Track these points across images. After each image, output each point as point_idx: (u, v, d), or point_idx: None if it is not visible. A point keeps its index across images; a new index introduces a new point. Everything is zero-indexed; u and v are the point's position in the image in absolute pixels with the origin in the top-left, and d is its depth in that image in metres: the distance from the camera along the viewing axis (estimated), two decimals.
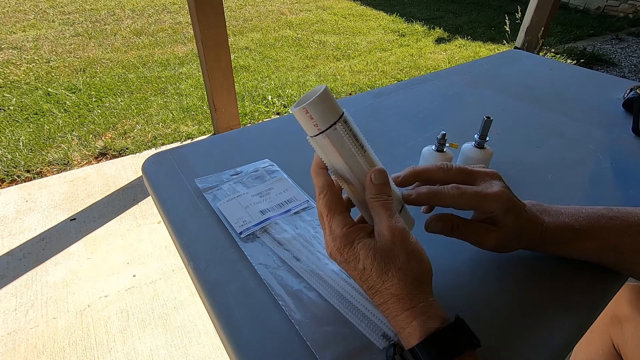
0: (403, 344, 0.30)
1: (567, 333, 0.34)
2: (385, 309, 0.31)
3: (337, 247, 0.32)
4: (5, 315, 1.17)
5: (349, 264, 0.32)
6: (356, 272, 0.31)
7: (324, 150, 0.32)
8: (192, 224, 0.45)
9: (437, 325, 0.29)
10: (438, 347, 0.28)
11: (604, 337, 0.64)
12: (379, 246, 0.30)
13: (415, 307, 0.29)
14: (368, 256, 0.30)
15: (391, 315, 0.30)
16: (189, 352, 1.10)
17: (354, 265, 0.31)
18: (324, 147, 0.32)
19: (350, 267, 0.32)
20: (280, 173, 0.53)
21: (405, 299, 0.29)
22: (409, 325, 0.29)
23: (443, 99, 0.77)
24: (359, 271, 0.31)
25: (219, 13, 1.71)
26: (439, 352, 0.27)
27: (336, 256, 0.32)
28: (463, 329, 0.29)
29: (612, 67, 3.31)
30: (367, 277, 0.31)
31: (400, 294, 0.29)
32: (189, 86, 2.66)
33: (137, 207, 1.61)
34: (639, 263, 0.38)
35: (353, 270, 0.32)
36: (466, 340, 0.28)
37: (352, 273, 0.32)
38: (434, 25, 4.12)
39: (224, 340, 0.34)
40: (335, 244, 0.32)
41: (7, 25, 3.57)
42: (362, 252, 0.31)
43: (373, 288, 0.31)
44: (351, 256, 0.31)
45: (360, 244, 0.31)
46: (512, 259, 0.41)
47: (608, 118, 0.72)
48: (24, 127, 2.12)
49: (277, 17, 4.19)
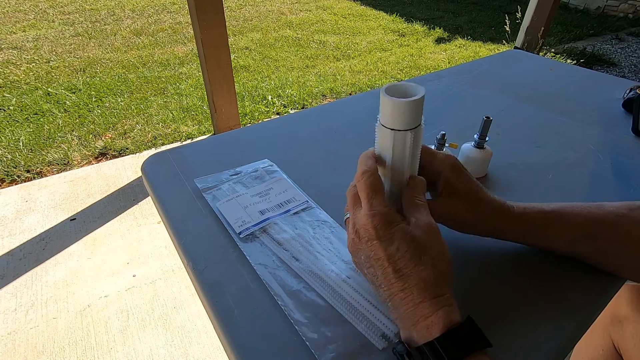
0: (416, 337, 0.29)
1: (567, 333, 0.34)
2: (406, 295, 0.30)
3: (374, 224, 0.31)
4: (5, 315, 1.17)
5: (382, 242, 0.31)
6: (385, 253, 0.31)
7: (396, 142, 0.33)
8: (192, 224, 0.45)
9: (458, 319, 0.29)
10: (461, 340, 0.28)
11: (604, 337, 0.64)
12: (416, 234, 0.31)
13: (441, 296, 0.30)
14: (405, 239, 0.31)
15: (414, 302, 0.29)
16: (189, 352, 1.10)
17: (385, 246, 0.31)
18: (397, 140, 0.33)
19: (382, 246, 0.31)
20: (279, 173, 0.53)
21: (434, 286, 0.30)
22: (433, 313, 0.29)
23: (443, 99, 0.77)
24: (389, 252, 0.31)
25: (219, 13, 1.71)
26: (461, 346, 0.27)
27: (368, 232, 0.31)
28: (476, 328, 0.29)
29: (612, 67, 3.31)
30: (398, 258, 0.30)
31: (430, 279, 0.30)
32: (189, 86, 2.66)
33: (137, 207, 1.61)
34: (613, 254, 0.38)
35: (383, 250, 0.31)
36: (482, 339, 0.28)
37: (379, 253, 0.31)
38: (434, 25, 4.12)
39: (224, 340, 0.34)
40: (373, 221, 0.31)
41: (7, 25, 3.58)
42: (399, 233, 0.31)
43: (401, 270, 0.30)
44: (387, 235, 0.31)
45: (400, 226, 0.31)
46: (512, 259, 0.41)
47: (608, 118, 0.72)
48: (24, 127, 2.12)
49: (277, 17, 4.19)
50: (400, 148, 0.34)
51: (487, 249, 0.42)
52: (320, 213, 0.46)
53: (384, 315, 0.34)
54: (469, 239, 0.44)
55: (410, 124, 0.32)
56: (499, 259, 0.41)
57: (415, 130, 0.33)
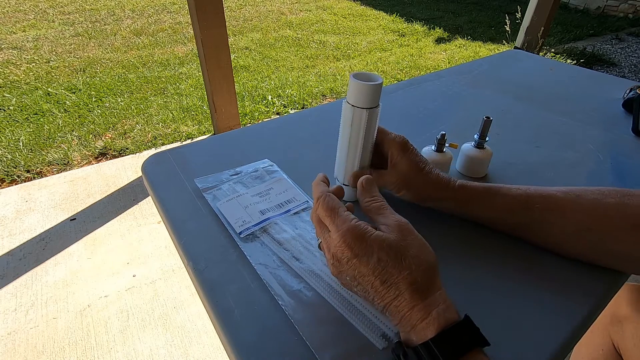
0: (414, 338, 0.29)
1: (567, 333, 0.34)
2: (400, 302, 0.30)
3: (347, 243, 0.31)
4: (5, 315, 1.17)
5: (361, 259, 0.30)
6: (368, 267, 0.30)
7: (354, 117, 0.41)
8: (192, 224, 0.45)
9: (454, 317, 0.29)
10: (457, 339, 0.28)
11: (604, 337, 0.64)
12: (391, 237, 0.31)
13: (432, 296, 0.30)
14: (383, 247, 0.30)
15: (407, 307, 0.29)
16: (189, 352, 1.10)
17: (367, 260, 0.30)
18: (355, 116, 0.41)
19: (362, 262, 0.30)
20: (280, 173, 0.53)
21: (422, 288, 0.30)
22: (428, 315, 0.29)
23: (443, 99, 0.77)
24: (372, 265, 0.30)
25: (219, 13, 1.71)
26: (456, 345, 0.27)
27: (344, 253, 0.31)
28: (473, 326, 0.29)
29: (612, 67, 3.31)
30: (382, 269, 0.30)
31: (417, 282, 0.30)
32: (189, 86, 2.66)
33: (137, 207, 1.61)
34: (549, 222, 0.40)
35: (365, 265, 0.30)
36: (478, 337, 0.28)
37: (362, 269, 0.31)
38: (434, 25, 4.12)
39: (224, 340, 0.34)
40: (345, 240, 0.31)
41: (7, 25, 3.58)
42: (375, 244, 0.30)
43: (388, 281, 0.30)
44: (363, 249, 0.30)
45: (373, 236, 0.31)
46: (512, 258, 0.41)
47: (608, 118, 0.72)
48: (24, 127, 2.12)
49: (277, 17, 4.19)
50: (357, 123, 0.41)
51: (487, 248, 0.42)
52: None
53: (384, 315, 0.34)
54: (469, 238, 0.44)
55: (366, 103, 0.40)
56: (498, 259, 0.41)
57: (370, 110, 0.40)
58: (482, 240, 0.43)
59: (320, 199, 0.34)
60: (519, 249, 0.42)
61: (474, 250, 0.42)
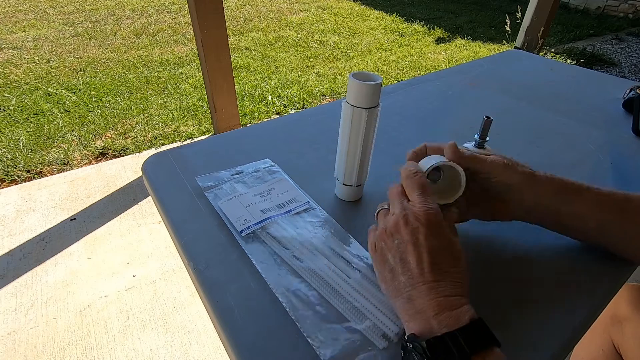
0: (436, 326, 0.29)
1: (567, 333, 0.34)
2: (436, 286, 0.31)
3: (429, 215, 0.33)
4: (5, 315, 1.17)
5: (430, 233, 0.32)
6: (430, 244, 0.32)
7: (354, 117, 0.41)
8: (192, 224, 0.45)
9: (475, 316, 0.29)
10: (482, 332, 0.28)
11: (604, 337, 0.64)
12: (456, 241, 0.34)
13: (464, 297, 0.31)
14: (450, 240, 0.33)
15: (443, 294, 0.30)
16: (189, 352, 1.10)
17: (433, 239, 0.32)
18: (355, 115, 0.41)
19: (429, 237, 0.32)
20: (281, 174, 0.53)
21: (463, 288, 0.31)
22: (461, 305, 0.30)
23: (443, 99, 0.77)
24: (435, 245, 0.32)
25: (219, 13, 1.71)
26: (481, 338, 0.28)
27: (420, 221, 0.33)
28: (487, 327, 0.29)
29: (612, 67, 3.31)
30: (439, 254, 0.32)
31: (463, 282, 0.32)
32: (189, 86, 2.66)
33: (137, 207, 1.61)
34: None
35: (430, 241, 0.32)
36: (493, 336, 0.29)
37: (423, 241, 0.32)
38: (434, 25, 4.12)
39: (224, 340, 0.34)
40: (429, 212, 0.33)
41: (7, 25, 3.57)
42: (448, 234, 0.33)
43: (438, 265, 0.31)
44: (437, 229, 0.33)
45: (447, 228, 0.34)
46: (512, 259, 0.41)
47: (608, 118, 0.72)
48: (24, 127, 2.12)
49: (277, 17, 4.19)
50: (357, 122, 0.41)
51: (486, 249, 0.42)
52: (321, 213, 0.46)
53: (385, 315, 0.34)
54: (467, 239, 0.44)
55: (366, 103, 0.40)
56: (499, 259, 0.41)
57: (370, 110, 0.40)
58: (482, 240, 0.43)
59: (417, 174, 0.36)
60: (518, 249, 0.42)
61: (473, 250, 0.42)
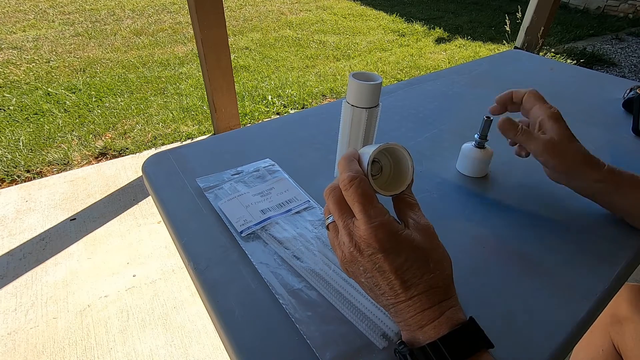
0: (421, 338, 0.29)
1: (567, 333, 0.34)
2: (414, 303, 0.29)
3: (377, 237, 0.29)
4: (5, 315, 1.17)
5: (387, 255, 0.29)
6: (392, 265, 0.29)
7: (354, 117, 0.41)
8: (193, 224, 0.45)
9: (463, 318, 0.29)
10: (465, 339, 0.28)
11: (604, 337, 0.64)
12: (419, 239, 0.30)
13: (449, 299, 0.29)
14: (412, 247, 0.29)
15: (420, 309, 0.29)
16: (189, 352, 1.10)
17: (393, 258, 0.29)
18: (355, 115, 0.41)
19: (388, 259, 0.29)
20: (281, 173, 0.53)
21: (441, 292, 0.29)
22: (441, 315, 0.28)
23: (443, 99, 0.77)
24: (397, 263, 0.29)
25: (219, 13, 1.71)
26: (464, 345, 0.27)
27: (370, 246, 0.29)
28: (478, 328, 0.29)
29: (612, 67, 3.31)
30: (406, 269, 0.29)
31: (438, 286, 0.29)
32: (189, 86, 2.66)
33: (137, 207, 1.61)
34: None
35: (390, 262, 0.29)
36: (484, 339, 0.28)
37: (384, 266, 0.29)
38: (434, 25, 4.12)
39: (224, 340, 0.34)
40: (377, 234, 0.29)
41: (7, 25, 3.57)
42: (405, 243, 0.29)
43: (409, 281, 0.29)
44: (393, 247, 0.29)
45: (404, 235, 0.30)
46: (512, 259, 0.41)
47: (608, 118, 0.72)
48: (24, 127, 2.12)
49: (277, 17, 4.19)
50: (357, 122, 0.42)
51: (486, 248, 0.42)
52: (321, 213, 0.46)
53: (385, 315, 0.34)
54: (467, 239, 0.44)
55: (366, 103, 0.40)
56: (499, 259, 0.41)
57: (370, 110, 0.40)
58: (482, 240, 0.43)
59: (355, 181, 0.31)
60: (518, 249, 0.42)
61: (473, 250, 0.42)
